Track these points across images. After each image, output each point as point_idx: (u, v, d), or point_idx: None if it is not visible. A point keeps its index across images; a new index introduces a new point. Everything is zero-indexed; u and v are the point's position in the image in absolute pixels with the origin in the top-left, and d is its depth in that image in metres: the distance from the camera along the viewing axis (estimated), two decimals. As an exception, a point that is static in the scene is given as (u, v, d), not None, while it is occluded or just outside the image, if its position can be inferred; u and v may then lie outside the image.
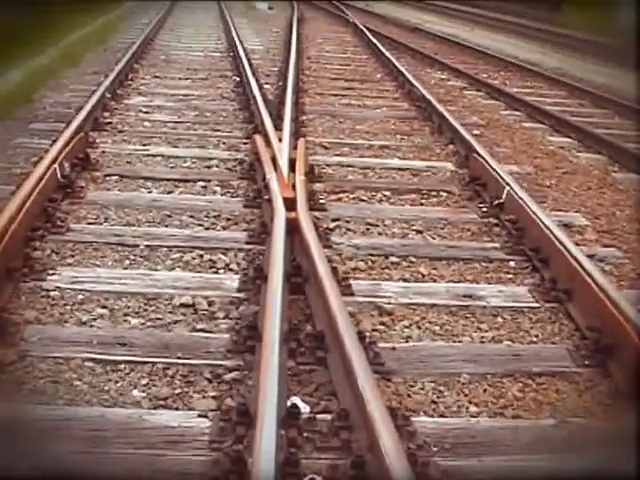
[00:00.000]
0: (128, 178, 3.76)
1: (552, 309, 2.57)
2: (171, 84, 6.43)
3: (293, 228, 2.85)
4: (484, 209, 3.57)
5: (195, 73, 7.08)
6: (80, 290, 2.49)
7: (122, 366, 2.07)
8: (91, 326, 2.27)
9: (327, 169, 4.13)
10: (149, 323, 2.33)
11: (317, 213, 3.34)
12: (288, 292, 2.42)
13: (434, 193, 3.81)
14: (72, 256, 2.77)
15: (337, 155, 4.45)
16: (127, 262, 2.77)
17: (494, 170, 3.75)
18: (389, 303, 2.56)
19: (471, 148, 4.28)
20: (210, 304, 2.47)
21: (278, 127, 4.52)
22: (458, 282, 2.79)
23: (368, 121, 5.44)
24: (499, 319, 2.52)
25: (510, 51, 9.71)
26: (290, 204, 3.04)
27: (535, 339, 2.37)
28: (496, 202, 3.50)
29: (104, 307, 2.39)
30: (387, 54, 8.35)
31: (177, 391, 1.99)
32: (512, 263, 2.98)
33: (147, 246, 2.90)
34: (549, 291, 2.66)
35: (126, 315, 2.37)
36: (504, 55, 9.12)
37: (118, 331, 2.25)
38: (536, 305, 2.60)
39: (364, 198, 3.67)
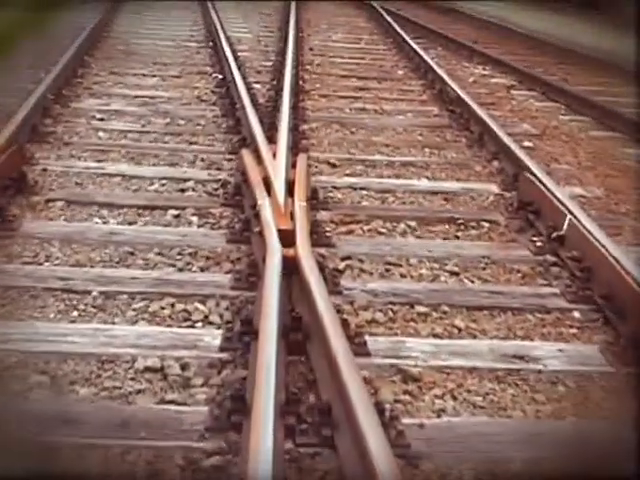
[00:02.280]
0: (77, 204, 3.84)
1: (631, 375, 2.59)
2: (133, 83, 6.59)
3: (291, 269, 2.91)
4: (539, 244, 3.64)
5: (164, 69, 7.26)
6: (12, 351, 2.52)
7: (66, 451, 2.04)
8: (25, 398, 2.27)
9: (335, 193, 4.21)
10: (103, 394, 2.37)
11: (322, 250, 3.41)
12: (285, 352, 2.47)
13: (473, 223, 3.88)
14: (2, 306, 2.82)
15: (348, 175, 4.54)
16: (75, 314, 2.82)
17: (552, 193, 3.82)
18: (416, 366, 2.60)
19: (521, 165, 4.36)
20: (184, 368, 2.52)
21: (272, 139, 4.62)
22: (505, 339, 2.83)
23: (387, 131, 5.55)
24: (560, 388, 2.55)
25: (575, 38, 9.81)
26: (288, 238, 3.10)
27: (608, 415, 2.38)
28: (555, 235, 3.56)
29: (43, 373, 2.44)
30: (412, 44, 8.55)
31: (140, 484, 2.01)
32: (576, 314, 3.03)
33: (102, 293, 2.96)
34: (626, 351, 2.69)
35: (73, 383, 2.40)
36: (566, 42, 9.25)
37: (61, 405, 2.25)
38: (609, 370, 2.63)
39: (383, 230, 3.74)
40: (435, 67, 7.21)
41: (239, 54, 7.84)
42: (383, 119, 5.86)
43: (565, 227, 3.52)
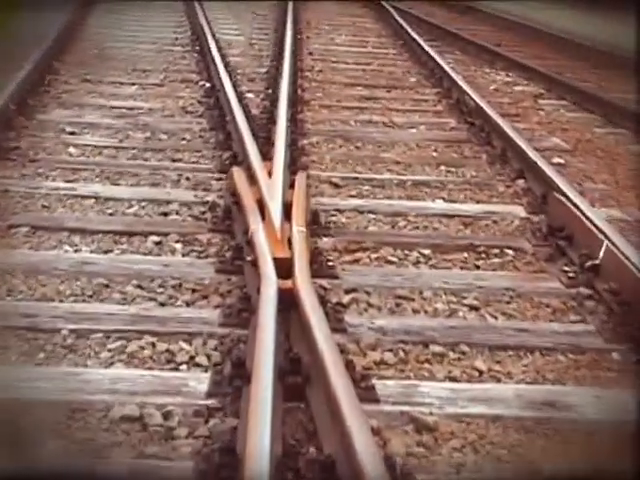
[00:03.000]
0: (44, 230, 3.88)
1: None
2: (108, 92, 6.67)
3: (289, 303, 2.93)
4: (571, 274, 3.66)
5: (144, 76, 7.36)
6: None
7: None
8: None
9: (339, 217, 4.25)
10: (73, 446, 2.37)
11: (324, 281, 3.44)
12: (282, 398, 2.49)
13: (496, 251, 3.91)
14: (-42, 346, 2.83)
15: (353, 196, 4.58)
16: (42, 355, 2.84)
17: (586, 216, 3.85)
18: (431, 414, 2.61)
19: (551, 184, 4.40)
20: (166, 417, 2.52)
21: (267, 156, 4.68)
22: (534, 383, 2.85)
23: (398, 146, 5.61)
24: (597, 440, 2.55)
25: (612, 39, 9.79)
26: (284, 268, 3.13)
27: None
28: (589, 264, 3.59)
29: (4, 424, 2.44)
30: (426, 47, 8.65)
31: None
32: (615, 355, 3.03)
33: (72, 331, 2.98)
34: (672, 398, 2.71)
35: (39, 436, 2.40)
36: (601, 44, 9.29)
37: (25, 461, 2.26)
38: (653, 419, 2.64)
39: (393, 259, 3.78)
40: (452, 73, 7.29)
41: (229, 59, 7.94)
42: (393, 133, 5.93)
43: (601, 255, 3.54)
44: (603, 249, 3.54)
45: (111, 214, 4.16)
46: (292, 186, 4.22)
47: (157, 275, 3.45)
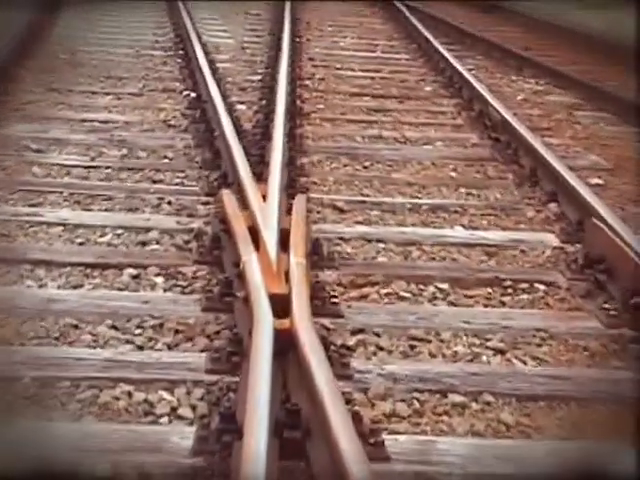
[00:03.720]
0: (3, 263, 3.89)
1: None
2: (79, 103, 6.73)
3: (286, 346, 2.95)
4: (612, 312, 3.67)
5: (120, 84, 7.43)
6: None
7: None
8: None
9: (343, 246, 4.28)
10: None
11: (327, 320, 3.45)
12: (278, 455, 2.49)
13: (525, 285, 3.93)
14: None
15: (360, 223, 4.61)
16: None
17: (629, 246, 3.86)
18: (450, 475, 2.61)
19: (588, 209, 4.42)
20: (144, 478, 2.52)
21: (261, 176, 4.72)
22: (568, 439, 2.85)
23: (411, 165, 5.66)
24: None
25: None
26: (281, 305, 3.15)
27: None
28: (633, 301, 3.60)
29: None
30: (443, 51, 8.73)
31: None
32: (663, 407, 3.04)
33: (36, 379, 2.98)
34: None
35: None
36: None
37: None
38: None
39: (406, 295, 3.79)
40: (473, 81, 7.35)
41: (218, 65, 8.02)
42: (405, 150, 5.97)
43: (647, 290, 3.57)
44: (649, 283, 3.56)
45: (81, 244, 4.18)
46: (290, 211, 4.24)
47: (134, 314, 3.47)
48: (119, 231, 4.32)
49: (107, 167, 5.30)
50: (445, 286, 3.87)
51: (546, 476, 2.56)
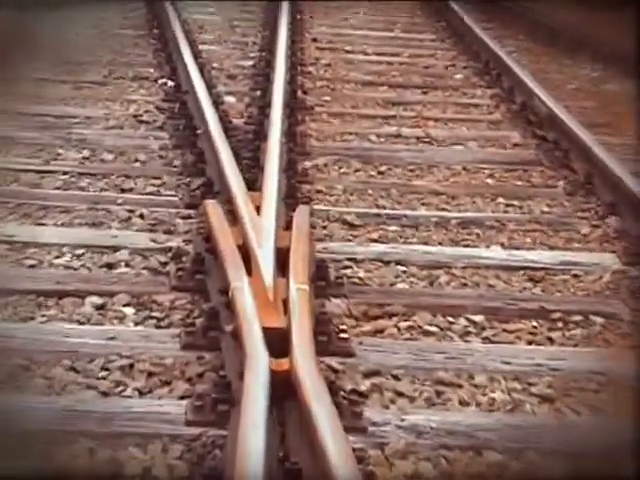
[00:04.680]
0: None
1: None
2: (30, 92, 6.72)
3: (285, 391, 2.94)
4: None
5: (80, 70, 7.42)
6: None
7: None
8: None
9: (355, 269, 4.28)
10: None
11: (334, 360, 3.44)
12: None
13: (578, 318, 3.92)
14: None
15: (375, 241, 4.61)
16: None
17: None
18: None
19: (655, 223, 4.44)
20: None
21: (254, 184, 4.72)
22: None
23: (438, 170, 5.66)
24: None
25: None
26: (279, 342, 3.15)
27: None
28: None
29: None
30: (477, 30, 8.73)
31: None
32: None
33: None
34: None
35: None
36: None
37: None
38: None
39: (431, 329, 3.79)
40: (514, 67, 7.35)
41: (201, 47, 8.04)
42: (431, 152, 5.98)
43: None
44: None
45: (32, 266, 4.18)
46: (289, 226, 4.25)
47: (98, 352, 3.45)
48: (79, 251, 4.32)
49: (64, 172, 5.31)
50: (479, 319, 3.87)
51: None
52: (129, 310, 3.82)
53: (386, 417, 3.14)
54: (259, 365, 2.97)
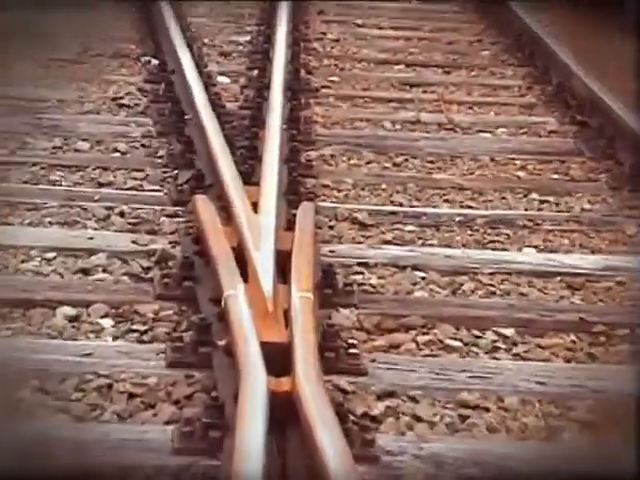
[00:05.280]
0: None
1: None
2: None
3: (286, 415, 2.95)
4: None
5: (51, 46, 7.40)
6: None
7: None
8: None
9: (366, 275, 4.29)
10: None
11: (343, 380, 3.44)
12: None
13: (623, 331, 3.91)
14: None
15: (389, 242, 4.63)
16: None
17: None
18: None
19: None
20: None
21: (251, 177, 4.74)
22: None
23: (462, 162, 5.68)
24: None
25: None
26: (279, 359, 3.16)
27: None
28: None
29: None
30: (508, 1, 8.69)
31: None
32: None
33: None
34: None
35: None
36: None
37: None
38: None
39: (454, 344, 3.79)
40: (551, 43, 7.34)
41: (190, 20, 8.04)
42: (454, 140, 5.99)
43: None
44: None
45: (-4, 272, 4.19)
46: (291, 226, 4.26)
47: (72, 371, 3.45)
48: (50, 254, 4.33)
49: (33, 164, 5.32)
50: (509, 332, 3.87)
51: None
52: (107, 322, 3.82)
53: (402, 445, 3.14)
54: (256, 385, 2.98)
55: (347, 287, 4.08)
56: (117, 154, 5.54)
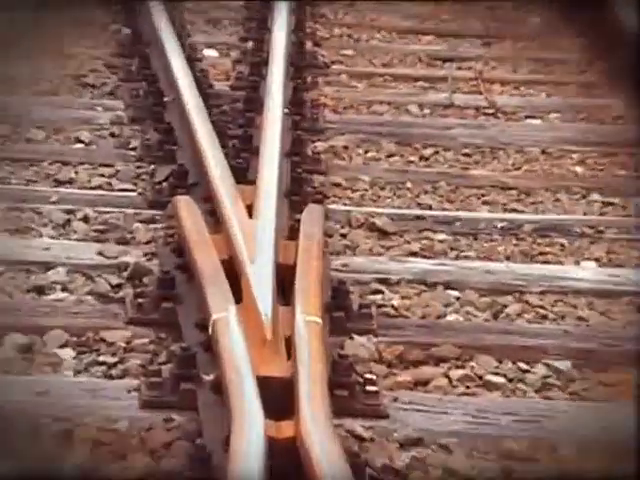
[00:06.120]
0: None
1: None
2: None
3: (287, 467, 2.94)
4: None
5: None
6: None
7: None
8: None
9: (387, 294, 4.30)
10: None
11: (358, 424, 3.44)
12: None
13: None
14: None
15: (415, 254, 4.63)
16: None
17: None
18: None
19: None
20: None
21: (245, 174, 4.77)
22: None
23: (506, 154, 5.70)
24: None
25: None
26: (279, 397, 3.17)
27: None
28: None
29: None
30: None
31: None
32: None
33: None
34: None
35: None
36: None
37: None
38: None
39: (496, 379, 3.79)
40: (616, 6, 7.33)
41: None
42: (495, 128, 6.02)
43: None
44: None
45: None
46: (294, 234, 4.28)
47: (23, 414, 3.44)
48: (-2, 270, 4.36)
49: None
50: (565, 365, 3.87)
51: None
52: (67, 353, 3.83)
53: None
54: (251, 430, 2.98)
55: (363, 309, 4.07)
56: (79, 145, 5.57)
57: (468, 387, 3.76)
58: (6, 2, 7.06)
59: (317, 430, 3.01)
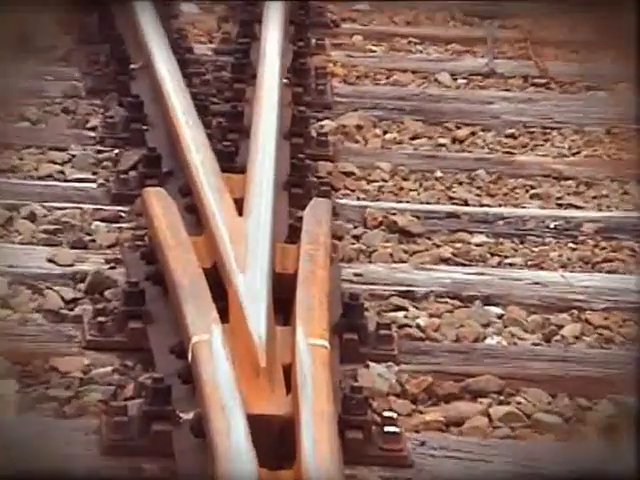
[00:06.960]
0: None
1: None
2: None
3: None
4: None
5: None
6: None
7: None
8: None
9: (412, 312, 4.31)
10: None
11: (375, 475, 3.44)
12: None
13: None
14: None
15: (447, 261, 4.66)
16: None
17: None
18: None
19: None
20: None
21: (233, 160, 4.80)
22: None
23: (560, 135, 5.73)
24: None
25: None
26: (275, 440, 3.18)
27: None
28: None
29: None
30: None
31: None
32: None
33: None
34: None
35: None
36: None
37: None
38: None
39: (547, 419, 3.78)
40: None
41: None
42: (548, 103, 6.05)
43: None
44: None
45: None
46: (295, 236, 4.29)
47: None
48: None
49: None
50: (636, 402, 3.87)
51: None
52: (8, 386, 3.83)
53: None
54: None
55: (382, 330, 4.08)
56: (25, 124, 5.61)
57: (513, 428, 3.76)
58: None
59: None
